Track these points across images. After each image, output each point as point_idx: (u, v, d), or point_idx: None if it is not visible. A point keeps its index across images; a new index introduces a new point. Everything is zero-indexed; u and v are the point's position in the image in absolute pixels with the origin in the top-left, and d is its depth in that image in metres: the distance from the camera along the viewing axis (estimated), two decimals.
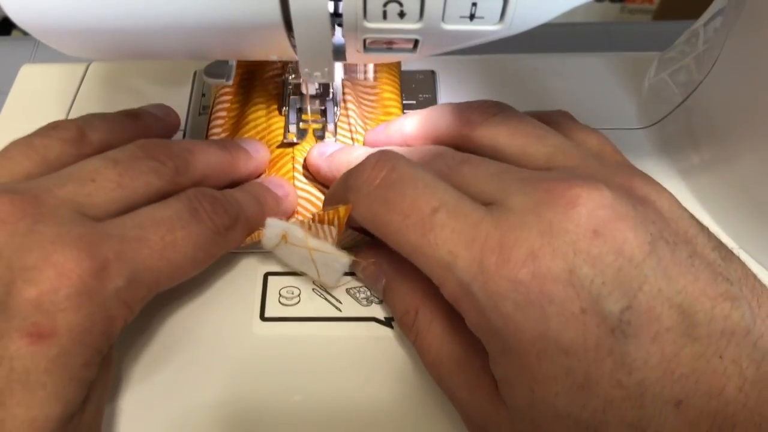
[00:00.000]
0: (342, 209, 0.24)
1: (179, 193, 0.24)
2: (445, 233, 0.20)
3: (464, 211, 0.20)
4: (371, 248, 0.27)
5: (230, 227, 0.24)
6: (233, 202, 0.25)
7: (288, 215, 0.28)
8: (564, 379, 0.18)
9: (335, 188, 0.26)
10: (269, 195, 0.27)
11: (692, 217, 0.21)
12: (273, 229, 0.26)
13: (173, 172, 0.24)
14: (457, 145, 0.26)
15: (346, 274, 0.28)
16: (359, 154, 0.27)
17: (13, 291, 0.19)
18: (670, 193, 0.21)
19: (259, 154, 0.29)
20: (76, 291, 0.19)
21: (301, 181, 0.30)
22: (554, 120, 0.26)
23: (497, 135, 0.25)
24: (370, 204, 0.22)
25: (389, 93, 0.33)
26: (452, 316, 0.23)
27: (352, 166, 0.25)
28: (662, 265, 0.18)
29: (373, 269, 0.26)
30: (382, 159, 0.22)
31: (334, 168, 0.28)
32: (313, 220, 0.27)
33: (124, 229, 0.21)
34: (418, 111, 0.29)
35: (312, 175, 0.30)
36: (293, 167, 0.30)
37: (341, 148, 0.29)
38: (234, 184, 0.28)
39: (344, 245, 0.26)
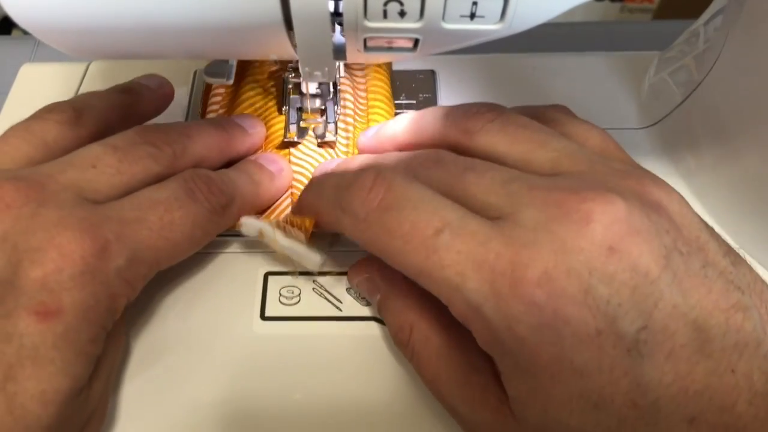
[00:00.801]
0: (308, 221, 0.25)
1: (176, 175, 0.24)
2: (451, 255, 0.19)
3: (470, 229, 0.19)
4: (365, 262, 0.26)
5: (226, 206, 0.25)
6: (228, 182, 0.26)
7: (283, 191, 0.29)
8: (578, 400, 0.18)
9: (317, 198, 0.25)
10: (264, 173, 0.28)
11: (701, 219, 0.20)
12: (248, 227, 0.26)
13: (171, 157, 0.25)
14: (455, 151, 0.25)
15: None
16: (356, 164, 0.27)
17: (20, 271, 0.20)
18: (679, 194, 0.21)
19: (255, 129, 0.30)
20: (79, 271, 0.20)
21: (297, 156, 0.30)
22: (552, 116, 0.25)
23: (496, 144, 0.23)
24: (369, 229, 0.21)
25: (379, 85, 0.33)
26: (449, 332, 0.22)
27: (321, 189, 0.25)
28: (677, 279, 0.18)
29: (367, 285, 0.26)
30: (378, 179, 0.21)
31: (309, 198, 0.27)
32: (286, 221, 0.26)
33: (123, 211, 0.22)
34: (409, 114, 0.27)
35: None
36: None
37: (340, 163, 0.29)
38: (231, 161, 0.29)
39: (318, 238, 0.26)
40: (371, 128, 0.30)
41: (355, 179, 0.22)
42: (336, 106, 0.30)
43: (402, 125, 0.27)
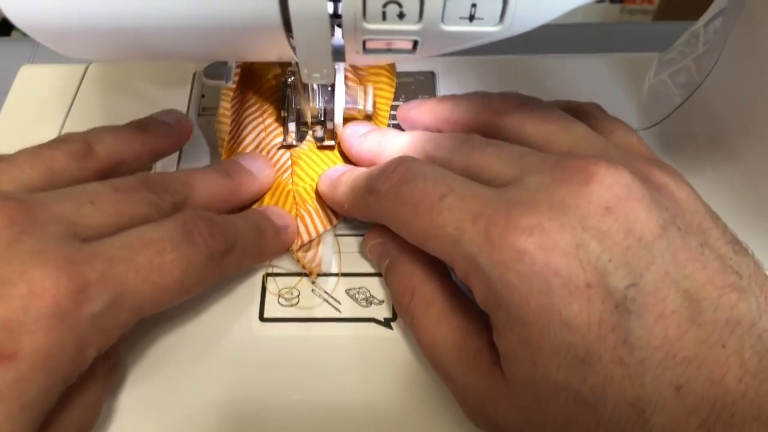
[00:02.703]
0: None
1: (175, 215, 0.23)
2: (452, 213, 0.20)
3: (473, 192, 0.21)
4: (380, 228, 0.27)
5: (226, 252, 0.23)
6: (231, 228, 0.24)
7: (287, 247, 0.28)
8: (566, 353, 0.18)
9: (350, 191, 0.26)
10: (269, 225, 0.27)
11: (710, 210, 0.21)
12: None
13: (170, 207, 0.24)
14: (485, 133, 0.26)
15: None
16: (390, 135, 0.28)
17: None
18: (690, 186, 0.21)
19: (263, 173, 0.29)
20: (48, 312, 0.18)
21: (297, 156, 0.30)
22: (585, 110, 0.27)
23: (524, 123, 0.25)
24: (387, 201, 0.23)
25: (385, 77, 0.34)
26: (449, 299, 0.23)
27: (382, 147, 0.27)
28: (671, 250, 0.18)
29: (380, 249, 0.27)
30: (400, 162, 0.23)
31: (365, 147, 0.29)
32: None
33: (112, 249, 0.20)
34: (451, 96, 0.29)
35: (344, 154, 0.30)
36: (292, 168, 0.30)
37: (374, 129, 0.30)
38: (238, 207, 0.28)
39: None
40: (414, 101, 0.30)
41: (382, 166, 0.24)
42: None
43: (442, 104, 0.29)
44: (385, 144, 0.28)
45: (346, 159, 0.30)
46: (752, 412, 0.17)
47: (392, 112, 0.33)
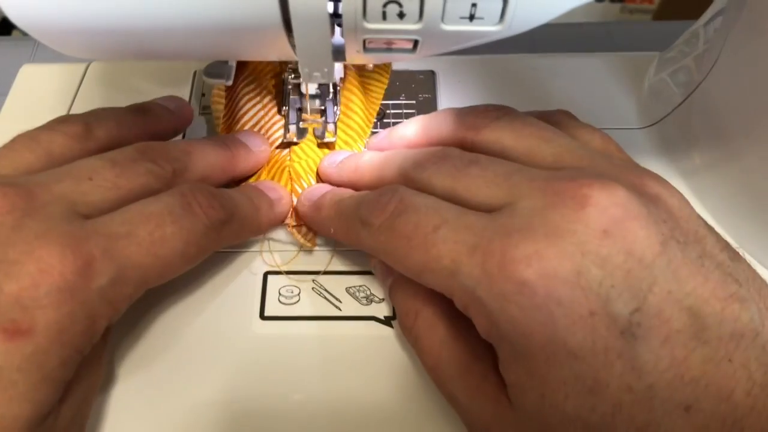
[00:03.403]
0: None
1: (174, 188, 0.23)
2: (447, 246, 0.20)
3: (466, 223, 0.20)
4: None
5: (225, 222, 0.24)
6: (229, 199, 0.25)
7: (281, 219, 0.29)
8: (573, 383, 0.18)
9: (338, 214, 0.26)
10: (264, 198, 0.27)
11: (700, 216, 0.21)
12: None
13: (171, 174, 0.24)
14: (462, 149, 0.25)
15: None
16: (366, 159, 0.27)
17: None
18: (680, 193, 0.21)
19: (259, 148, 0.29)
20: (57, 288, 0.19)
21: (297, 155, 0.31)
22: (556, 119, 0.26)
23: (502, 138, 0.24)
24: (381, 235, 0.22)
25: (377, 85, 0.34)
26: (454, 321, 0.22)
27: (360, 172, 0.26)
28: (672, 266, 0.18)
29: (383, 267, 0.26)
30: (393, 194, 0.23)
31: (344, 175, 0.28)
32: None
33: (113, 225, 0.21)
34: (420, 117, 0.28)
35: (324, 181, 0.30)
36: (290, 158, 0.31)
37: (349, 156, 0.29)
38: (234, 181, 0.29)
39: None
40: (382, 132, 0.30)
41: (373, 196, 0.23)
42: (335, 107, 0.30)
43: (412, 127, 0.28)
44: (362, 169, 0.27)
45: None
46: (761, 424, 0.17)
47: (396, 111, 0.33)
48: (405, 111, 0.34)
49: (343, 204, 0.25)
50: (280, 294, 0.27)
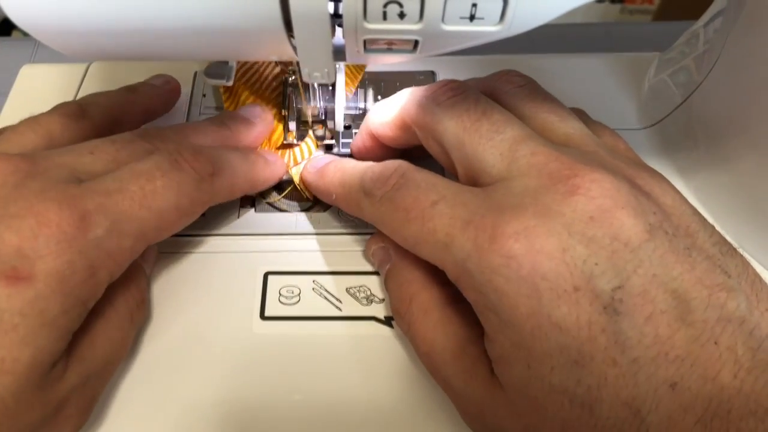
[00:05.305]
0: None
1: (160, 150, 0.24)
2: (443, 220, 0.21)
3: (463, 200, 0.21)
4: (382, 233, 0.26)
5: (214, 174, 0.25)
6: (217, 155, 0.26)
7: (277, 178, 0.30)
8: (559, 355, 0.18)
9: (341, 183, 0.26)
10: (259, 156, 0.28)
11: (696, 213, 0.21)
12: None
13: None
14: None
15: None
16: (351, 165, 0.27)
17: None
18: (677, 190, 0.21)
19: (259, 118, 0.30)
20: (55, 239, 0.20)
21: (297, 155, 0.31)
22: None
23: (522, 107, 0.25)
24: (381, 207, 0.23)
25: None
26: (448, 307, 0.23)
27: (345, 177, 0.26)
28: (659, 253, 0.19)
29: (381, 254, 0.27)
30: (395, 168, 0.24)
31: (327, 181, 0.28)
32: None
33: (105, 183, 0.22)
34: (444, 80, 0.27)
35: (307, 189, 0.30)
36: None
37: (331, 162, 0.29)
38: None
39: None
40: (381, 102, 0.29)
41: (377, 168, 0.24)
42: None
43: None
44: (347, 173, 0.27)
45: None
46: (749, 407, 0.17)
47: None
48: None
49: (347, 173, 0.26)
50: (280, 294, 0.27)
